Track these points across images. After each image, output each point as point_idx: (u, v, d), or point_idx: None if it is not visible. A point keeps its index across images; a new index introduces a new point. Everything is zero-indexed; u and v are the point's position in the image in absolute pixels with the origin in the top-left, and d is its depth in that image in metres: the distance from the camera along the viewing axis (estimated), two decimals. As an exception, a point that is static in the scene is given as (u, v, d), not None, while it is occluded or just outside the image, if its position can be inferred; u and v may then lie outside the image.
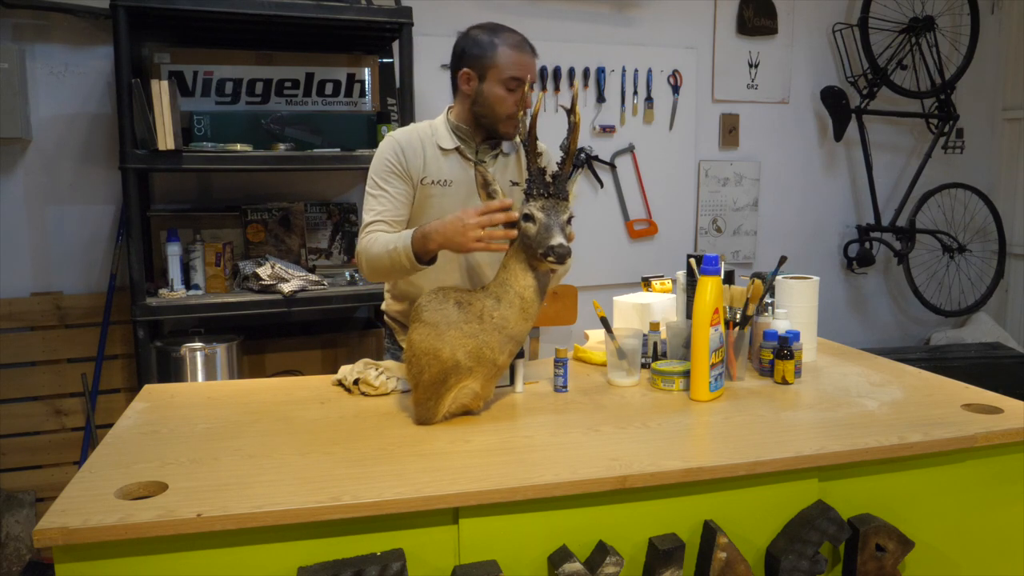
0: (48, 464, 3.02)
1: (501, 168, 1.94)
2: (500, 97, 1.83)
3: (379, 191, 1.87)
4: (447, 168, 1.89)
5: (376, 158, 1.89)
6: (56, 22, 2.96)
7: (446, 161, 1.89)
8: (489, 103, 1.84)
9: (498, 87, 1.83)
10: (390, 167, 1.87)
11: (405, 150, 1.87)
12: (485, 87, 1.84)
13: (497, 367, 1.51)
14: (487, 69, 1.83)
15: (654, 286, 2.13)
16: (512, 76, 1.82)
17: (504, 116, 1.85)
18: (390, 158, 1.87)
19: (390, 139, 1.90)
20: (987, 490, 1.46)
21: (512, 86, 1.82)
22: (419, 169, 1.87)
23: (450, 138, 1.90)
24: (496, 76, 1.82)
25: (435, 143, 1.89)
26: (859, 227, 4.21)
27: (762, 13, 3.93)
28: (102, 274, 3.07)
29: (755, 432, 1.43)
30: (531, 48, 1.87)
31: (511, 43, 1.84)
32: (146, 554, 1.08)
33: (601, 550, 1.22)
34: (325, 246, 3.24)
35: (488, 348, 1.48)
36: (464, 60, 1.86)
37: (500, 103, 1.83)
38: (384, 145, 1.90)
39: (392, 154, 1.87)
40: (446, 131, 1.91)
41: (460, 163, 1.90)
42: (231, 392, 1.72)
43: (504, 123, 1.86)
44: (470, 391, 1.50)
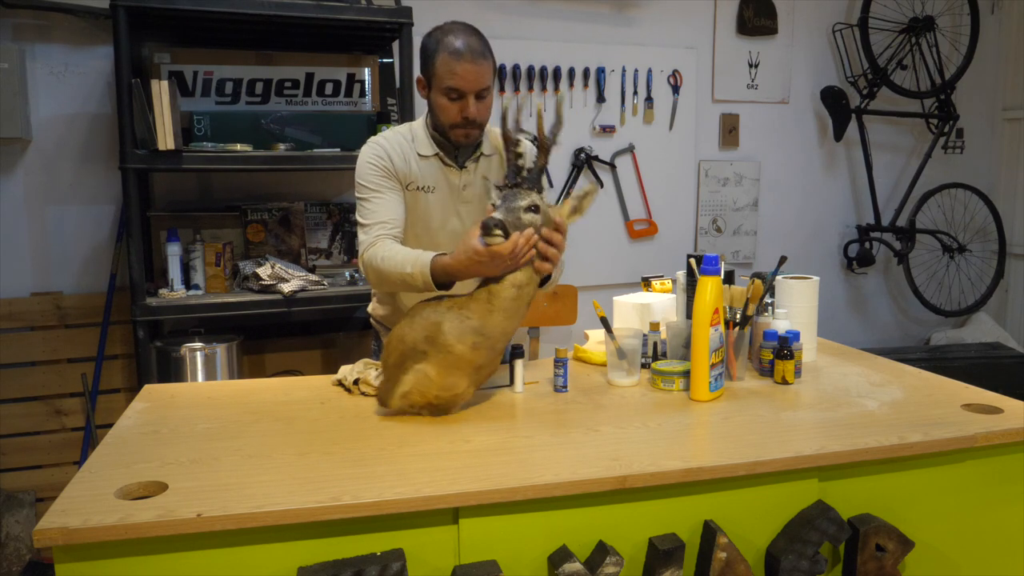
0: (48, 464, 3.02)
1: (484, 169, 1.91)
2: (444, 106, 1.78)
3: (373, 193, 1.82)
4: (429, 174, 1.86)
5: (362, 163, 1.85)
6: (56, 22, 2.96)
7: (427, 166, 1.86)
8: (435, 111, 1.81)
9: (440, 96, 1.77)
10: (379, 170, 1.83)
11: (391, 155, 1.84)
12: (432, 95, 1.80)
13: (454, 356, 1.48)
14: (431, 77, 1.79)
15: (654, 286, 2.13)
16: (448, 86, 1.75)
17: (449, 125, 1.80)
18: (376, 162, 1.83)
19: (373, 144, 1.86)
20: (987, 490, 1.46)
21: (452, 96, 1.76)
22: (406, 175, 1.85)
23: (429, 144, 1.86)
24: (437, 85, 1.77)
25: (414, 150, 1.86)
26: (859, 227, 4.21)
27: (762, 13, 3.93)
28: (102, 274, 3.07)
29: (755, 432, 1.43)
30: (478, 53, 1.75)
31: (450, 50, 1.74)
32: (146, 554, 1.08)
33: (601, 550, 1.22)
34: (325, 246, 3.24)
35: (443, 333, 1.47)
36: (421, 65, 1.82)
37: (443, 112, 1.79)
38: (368, 150, 1.85)
39: (378, 158, 1.83)
40: (425, 137, 1.87)
41: (440, 168, 1.87)
42: (231, 392, 1.72)
43: (452, 131, 1.81)
44: (423, 375, 1.49)
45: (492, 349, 1.53)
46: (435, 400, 1.52)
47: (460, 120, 1.78)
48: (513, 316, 1.52)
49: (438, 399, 1.51)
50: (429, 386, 1.50)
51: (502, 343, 1.55)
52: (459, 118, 1.78)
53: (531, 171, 1.53)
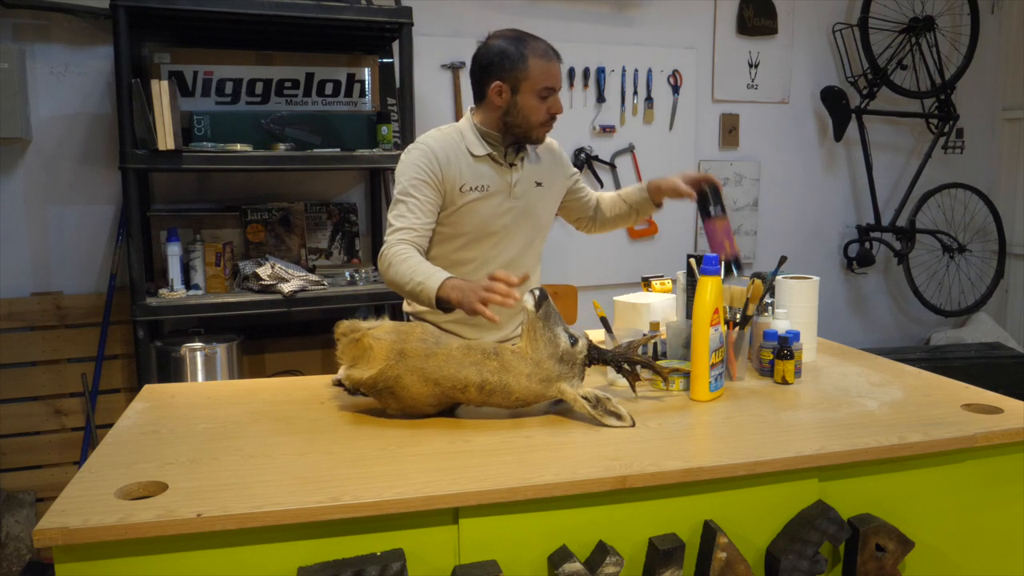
0: (48, 464, 3.02)
1: (529, 169, 1.98)
2: (535, 107, 1.86)
3: (409, 198, 1.85)
4: (482, 174, 1.91)
5: (408, 164, 1.88)
6: (56, 22, 2.96)
7: (479, 167, 1.91)
8: (524, 114, 1.87)
9: (532, 98, 1.86)
10: (423, 176, 1.86)
11: (440, 159, 1.86)
12: (519, 99, 1.86)
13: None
14: (520, 81, 1.85)
15: (654, 286, 2.13)
16: (546, 86, 1.85)
17: (538, 124, 1.89)
18: (424, 167, 1.86)
19: (424, 147, 1.88)
20: (987, 490, 1.46)
21: (545, 95, 1.86)
22: (457, 177, 1.88)
23: (481, 144, 1.91)
24: (530, 88, 1.85)
25: (466, 150, 1.90)
26: (859, 227, 4.21)
27: (762, 13, 3.93)
28: (102, 274, 3.07)
29: (755, 432, 1.43)
30: (556, 54, 1.90)
31: (540, 53, 1.85)
32: (146, 554, 1.08)
33: (601, 550, 1.22)
34: (325, 246, 3.24)
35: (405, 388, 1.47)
36: (494, 72, 1.86)
37: (534, 113, 1.87)
38: (417, 153, 1.88)
39: (427, 162, 1.86)
40: (475, 137, 1.92)
41: (492, 167, 1.92)
42: (231, 392, 1.72)
43: (537, 130, 1.90)
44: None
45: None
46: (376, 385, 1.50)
47: (548, 117, 1.89)
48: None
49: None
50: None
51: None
52: (547, 116, 1.88)
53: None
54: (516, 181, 1.94)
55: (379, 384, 1.47)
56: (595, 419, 1.47)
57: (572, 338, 1.52)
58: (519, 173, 1.95)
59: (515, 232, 1.97)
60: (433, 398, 1.48)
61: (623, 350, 1.58)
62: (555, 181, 2.05)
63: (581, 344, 1.52)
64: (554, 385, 1.48)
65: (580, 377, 1.52)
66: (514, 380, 1.47)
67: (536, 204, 2.00)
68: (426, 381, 1.46)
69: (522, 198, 1.96)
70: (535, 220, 2.01)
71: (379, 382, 1.47)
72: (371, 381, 1.47)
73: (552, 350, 1.49)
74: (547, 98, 1.87)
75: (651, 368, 1.60)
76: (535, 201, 1.99)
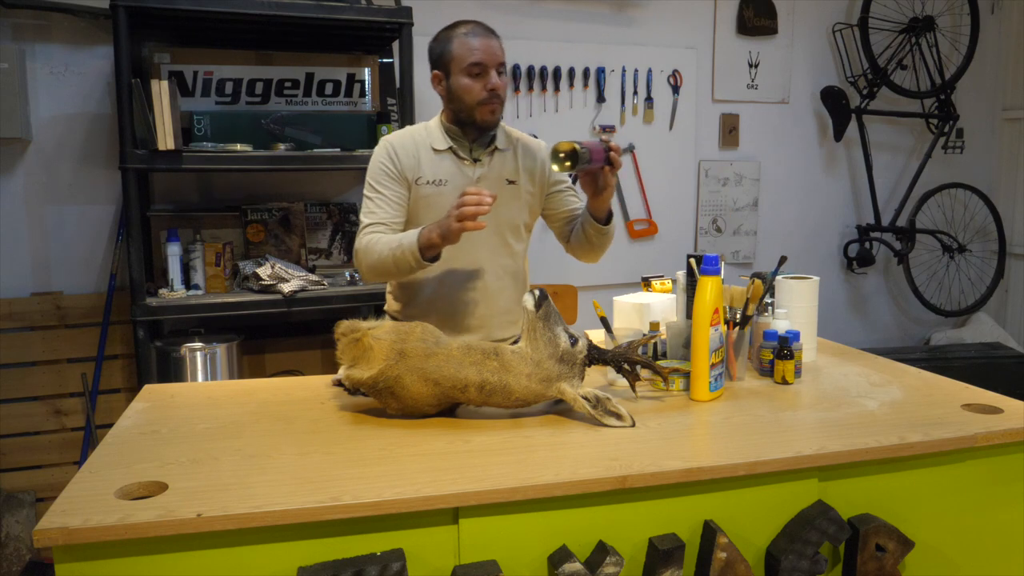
0: (48, 464, 3.02)
1: (498, 165, 1.95)
2: (467, 86, 1.85)
3: (375, 194, 1.91)
4: (441, 168, 1.92)
5: (371, 162, 1.93)
6: (56, 22, 2.96)
7: (440, 161, 1.92)
8: (459, 95, 1.86)
9: (463, 77, 1.85)
10: (384, 170, 1.91)
11: (398, 152, 1.91)
12: (452, 81, 1.87)
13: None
14: (448, 64, 1.87)
15: (654, 286, 2.13)
16: (472, 62, 1.83)
17: (475, 103, 1.86)
18: (384, 161, 1.91)
19: (384, 142, 1.94)
20: (987, 490, 1.46)
21: (475, 71, 1.84)
22: (413, 170, 1.91)
23: (443, 139, 1.93)
24: (458, 68, 1.85)
25: (429, 144, 1.92)
26: (859, 227, 4.21)
27: (762, 13, 3.93)
28: (102, 274, 3.07)
29: (755, 432, 1.43)
30: (490, 31, 1.88)
31: (465, 31, 1.86)
32: (146, 554, 1.08)
33: (601, 550, 1.22)
34: (325, 246, 3.24)
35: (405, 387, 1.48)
36: (431, 65, 1.91)
37: (468, 92, 1.85)
38: (378, 149, 1.94)
39: (386, 156, 1.91)
40: (440, 132, 1.94)
41: (454, 163, 1.93)
42: (231, 392, 1.72)
43: (478, 110, 1.87)
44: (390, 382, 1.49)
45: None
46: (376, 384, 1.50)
47: (486, 95, 1.85)
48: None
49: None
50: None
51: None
52: (484, 93, 1.85)
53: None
54: (480, 177, 1.92)
55: (379, 384, 1.47)
56: (595, 419, 1.47)
57: (572, 338, 1.52)
58: (484, 169, 1.93)
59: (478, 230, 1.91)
60: (433, 398, 1.48)
61: (623, 350, 1.58)
62: (532, 182, 2.00)
63: (581, 344, 1.52)
64: (554, 385, 1.48)
65: (580, 377, 1.52)
66: (514, 380, 1.47)
67: (504, 202, 1.93)
68: (426, 381, 1.46)
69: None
70: (504, 219, 1.95)
71: (379, 382, 1.47)
72: (371, 381, 1.47)
73: (552, 350, 1.49)
74: (479, 75, 1.84)
75: (651, 368, 1.60)
76: (503, 199, 1.92)
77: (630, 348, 1.58)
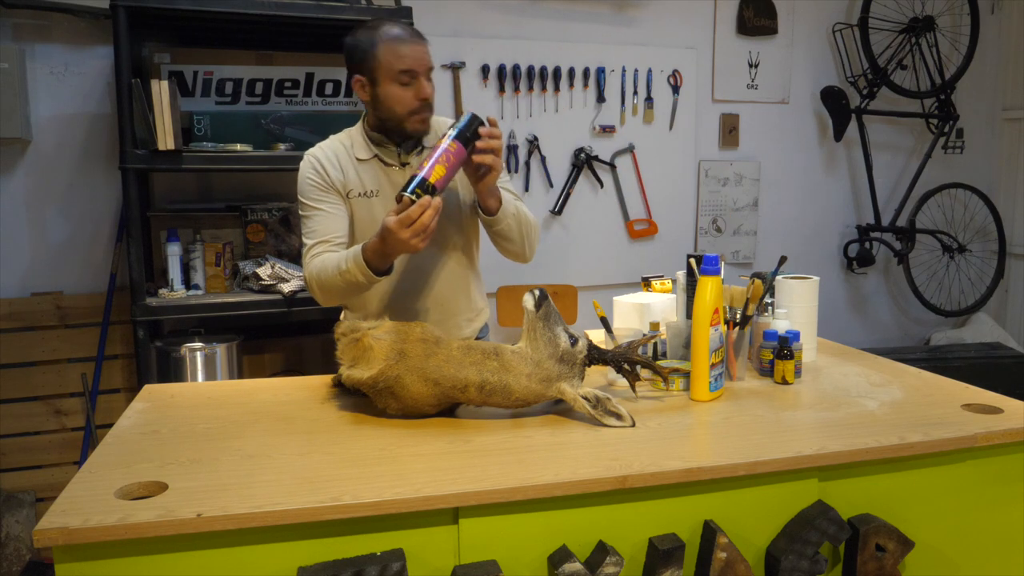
0: (48, 464, 3.02)
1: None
2: (397, 96, 1.74)
3: (312, 211, 1.80)
4: (368, 178, 1.83)
5: (300, 180, 1.82)
6: (56, 22, 2.96)
7: (366, 171, 1.83)
8: (387, 104, 1.76)
9: (392, 86, 1.74)
10: (314, 184, 1.80)
11: (325, 166, 1.81)
12: (379, 90, 1.75)
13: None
14: (375, 71, 1.74)
15: (654, 286, 2.13)
16: (402, 70, 1.72)
17: (406, 114, 1.76)
18: (312, 176, 1.81)
19: (308, 158, 1.83)
20: (987, 490, 1.46)
21: (405, 80, 1.73)
22: (343, 184, 1.82)
23: (366, 147, 1.83)
24: (386, 76, 1.73)
25: (352, 155, 1.83)
26: (859, 227, 4.21)
27: (762, 13, 3.93)
28: (102, 274, 3.07)
29: (755, 432, 1.43)
30: (418, 35, 1.76)
31: (391, 36, 1.73)
32: (146, 554, 1.08)
33: (601, 550, 1.22)
34: (325, 246, 3.24)
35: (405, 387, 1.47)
36: (353, 68, 1.77)
37: (399, 102, 1.75)
38: (304, 165, 1.83)
39: (313, 172, 1.81)
40: (362, 140, 1.84)
41: (381, 170, 1.84)
42: (231, 392, 1.72)
43: (409, 120, 1.77)
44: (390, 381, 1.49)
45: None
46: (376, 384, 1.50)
47: (417, 104, 1.75)
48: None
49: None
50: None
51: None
52: (416, 102, 1.75)
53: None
54: None
55: (379, 384, 1.47)
56: (595, 419, 1.47)
57: (572, 338, 1.52)
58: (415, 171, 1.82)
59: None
60: (433, 398, 1.48)
61: (623, 350, 1.58)
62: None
63: (581, 344, 1.52)
64: (554, 385, 1.48)
65: (580, 377, 1.52)
66: (514, 380, 1.47)
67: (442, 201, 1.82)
68: (426, 381, 1.46)
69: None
70: (445, 218, 1.80)
71: (379, 382, 1.47)
72: (371, 381, 1.47)
73: (552, 350, 1.49)
74: (409, 84, 1.73)
75: (651, 368, 1.60)
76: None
77: (630, 348, 1.58)
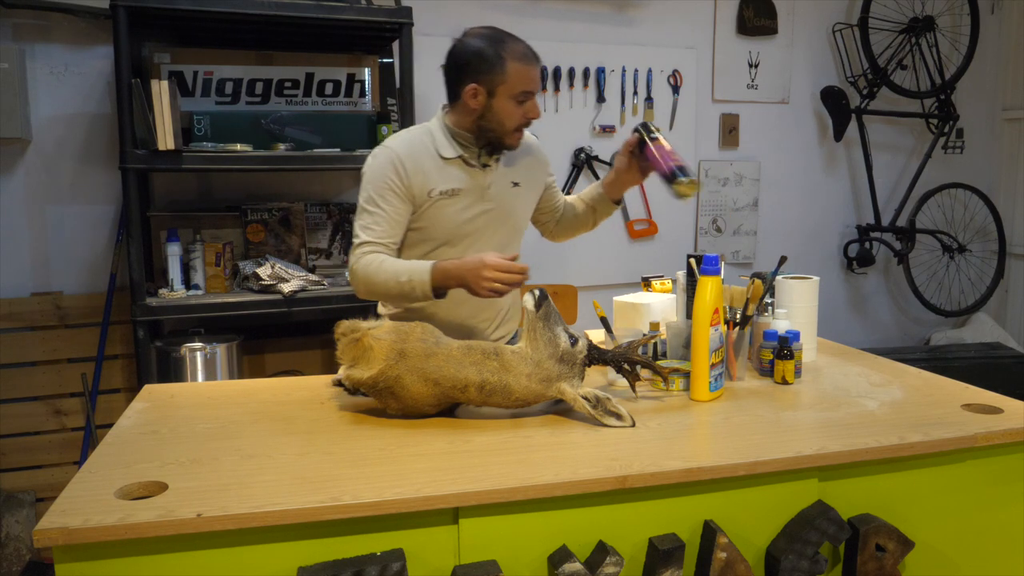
0: (48, 464, 3.02)
1: (504, 168, 1.91)
2: (510, 112, 1.80)
3: (376, 208, 1.80)
4: (452, 176, 1.84)
5: (374, 170, 1.82)
6: (56, 22, 2.96)
7: (449, 169, 1.84)
8: (499, 118, 1.80)
9: (509, 103, 1.79)
10: (390, 185, 1.80)
11: (407, 166, 1.80)
12: (495, 103, 1.79)
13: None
14: (497, 85, 1.78)
15: (654, 286, 2.13)
16: (524, 91, 1.79)
17: (512, 129, 1.82)
18: (392, 176, 1.80)
19: (390, 152, 1.82)
20: (987, 490, 1.46)
21: (523, 99, 1.80)
22: (423, 184, 1.81)
23: (451, 146, 1.85)
24: (507, 92, 1.78)
25: (436, 152, 1.84)
26: (859, 227, 4.21)
27: (762, 13, 3.93)
28: (102, 274, 3.07)
29: (755, 432, 1.43)
30: (535, 56, 1.84)
31: (519, 56, 1.78)
32: (146, 554, 1.08)
33: (601, 550, 1.22)
34: (325, 246, 3.24)
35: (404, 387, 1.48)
36: (470, 74, 1.79)
37: (510, 117, 1.80)
38: (383, 159, 1.82)
39: (393, 171, 1.80)
40: (446, 139, 1.85)
41: (463, 170, 1.86)
42: (231, 392, 1.72)
43: (511, 135, 1.84)
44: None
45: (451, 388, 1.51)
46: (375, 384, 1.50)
47: (524, 122, 1.84)
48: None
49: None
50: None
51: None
52: (523, 120, 1.83)
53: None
54: (490, 183, 1.88)
55: (379, 384, 1.47)
56: (595, 419, 1.47)
57: (572, 338, 1.52)
58: (493, 174, 1.88)
59: (489, 235, 1.90)
60: (433, 398, 1.48)
61: (623, 350, 1.58)
62: (533, 181, 1.99)
63: (581, 344, 1.52)
64: (554, 385, 1.48)
65: (580, 377, 1.52)
66: (514, 380, 1.47)
67: (513, 205, 1.94)
68: (426, 381, 1.46)
69: (496, 200, 1.89)
70: (512, 222, 1.95)
71: (379, 382, 1.47)
72: (371, 381, 1.47)
73: (552, 350, 1.49)
74: (524, 102, 1.80)
75: (651, 368, 1.60)
76: (511, 202, 1.93)
77: (630, 348, 1.58)
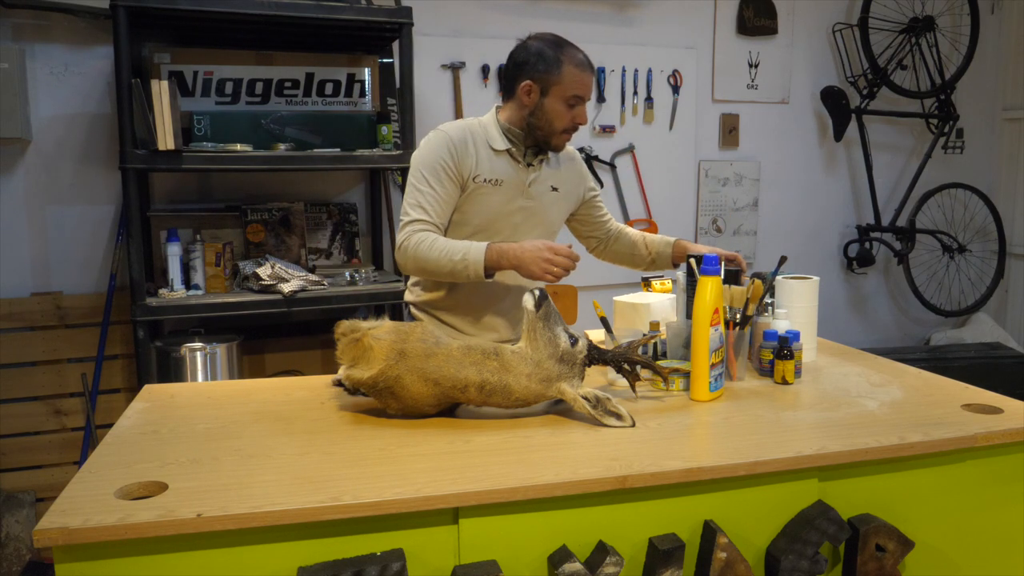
0: (48, 464, 3.02)
1: (546, 171, 1.99)
2: (560, 113, 1.88)
3: (428, 188, 1.86)
4: (498, 167, 1.92)
5: (427, 151, 1.88)
6: (56, 22, 2.96)
7: (497, 160, 1.92)
8: (548, 117, 1.88)
9: (559, 103, 1.87)
10: (443, 165, 1.86)
11: (458, 148, 1.87)
12: (546, 102, 1.87)
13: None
14: (551, 85, 1.86)
15: (654, 286, 2.13)
16: (575, 94, 1.87)
17: (560, 130, 1.90)
18: (444, 156, 1.86)
19: (443, 135, 1.89)
20: (987, 490, 1.46)
21: (573, 103, 1.88)
22: (471, 168, 1.89)
23: (501, 139, 1.93)
24: (559, 93, 1.86)
25: (486, 142, 1.92)
26: (859, 227, 4.21)
27: (762, 13, 3.93)
28: (102, 274, 3.07)
29: (755, 432, 1.43)
30: (592, 66, 1.92)
31: (576, 62, 1.87)
32: (146, 554, 1.08)
33: (601, 550, 1.22)
34: (325, 246, 3.24)
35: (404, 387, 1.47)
36: (527, 71, 1.88)
37: (559, 118, 1.88)
38: (437, 140, 1.89)
39: (446, 151, 1.86)
40: (497, 132, 1.93)
41: (510, 163, 1.93)
42: (231, 392, 1.72)
43: (558, 136, 1.91)
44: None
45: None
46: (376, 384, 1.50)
47: (572, 126, 1.91)
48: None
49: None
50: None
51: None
52: (571, 123, 1.90)
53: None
54: (532, 181, 1.95)
55: (379, 384, 1.47)
56: (595, 419, 1.47)
57: (572, 338, 1.52)
58: (536, 174, 1.96)
59: (524, 232, 1.98)
60: (433, 398, 1.48)
61: (623, 350, 1.58)
62: (571, 190, 2.08)
63: (581, 344, 1.52)
64: (554, 385, 1.48)
65: (580, 377, 1.52)
66: (514, 380, 1.47)
67: (549, 208, 2.01)
68: (426, 381, 1.46)
69: (535, 199, 1.97)
70: (546, 223, 2.03)
71: (379, 382, 1.47)
72: (371, 381, 1.47)
73: (552, 350, 1.49)
74: (574, 106, 1.88)
75: (651, 368, 1.60)
76: (548, 204, 2.01)
77: (630, 348, 1.58)
